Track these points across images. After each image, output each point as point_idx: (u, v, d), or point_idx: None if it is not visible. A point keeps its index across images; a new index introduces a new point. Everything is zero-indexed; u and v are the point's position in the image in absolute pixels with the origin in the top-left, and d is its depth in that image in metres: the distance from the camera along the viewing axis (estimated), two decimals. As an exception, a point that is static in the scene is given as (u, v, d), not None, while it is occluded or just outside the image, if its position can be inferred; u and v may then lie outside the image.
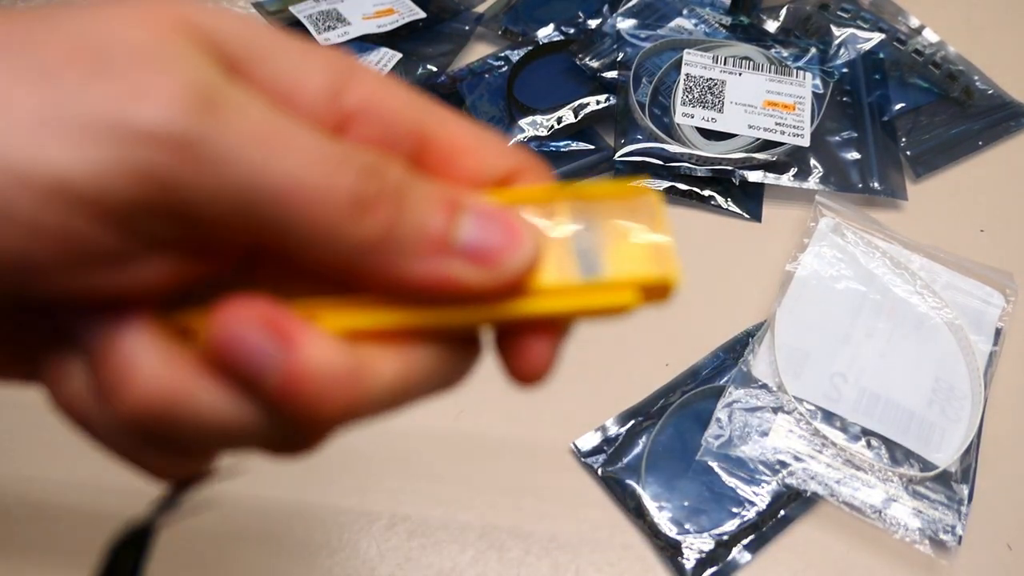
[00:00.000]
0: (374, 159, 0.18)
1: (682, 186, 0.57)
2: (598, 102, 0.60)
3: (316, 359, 0.17)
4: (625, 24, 0.63)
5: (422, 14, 0.65)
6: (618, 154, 0.57)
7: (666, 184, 0.57)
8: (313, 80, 0.19)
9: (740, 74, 0.60)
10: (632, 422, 0.47)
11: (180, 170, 0.16)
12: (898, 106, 0.62)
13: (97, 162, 0.15)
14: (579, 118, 0.59)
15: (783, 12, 0.66)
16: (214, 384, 0.18)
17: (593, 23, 0.64)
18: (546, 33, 0.64)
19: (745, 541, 0.44)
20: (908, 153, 0.60)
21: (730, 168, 0.57)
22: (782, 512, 0.45)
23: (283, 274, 0.20)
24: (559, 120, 0.59)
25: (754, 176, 0.57)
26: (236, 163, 0.16)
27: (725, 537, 0.44)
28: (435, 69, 0.63)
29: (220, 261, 0.19)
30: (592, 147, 0.59)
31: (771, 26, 0.66)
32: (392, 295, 0.18)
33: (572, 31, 0.64)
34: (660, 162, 0.57)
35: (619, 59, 0.61)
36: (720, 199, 0.57)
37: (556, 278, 0.19)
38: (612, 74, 0.60)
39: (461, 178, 0.20)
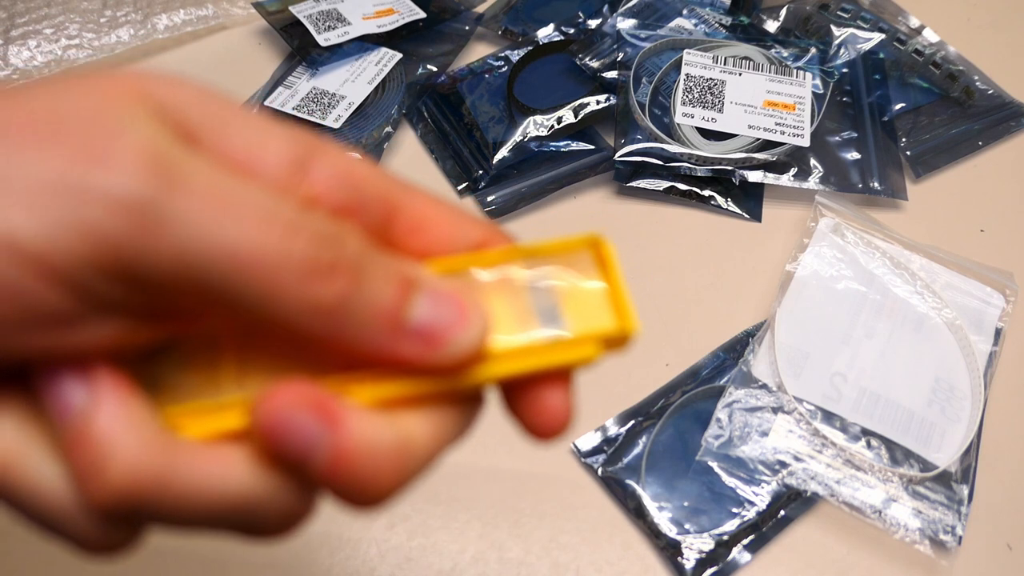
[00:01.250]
0: (330, 227, 0.18)
1: (682, 186, 0.57)
2: (598, 102, 0.60)
3: (362, 435, 0.18)
4: (625, 24, 0.63)
5: (422, 14, 0.65)
6: (618, 154, 0.57)
7: (666, 184, 0.57)
8: (274, 151, 0.19)
9: (740, 74, 0.60)
10: (632, 422, 0.47)
11: (132, 235, 0.16)
12: (898, 106, 0.62)
13: (49, 223, 0.16)
14: (579, 118, 0.59)
15: (783, 12, 0.66)
16: (225, 462, 0.18)
17: (593, 23, 0.64)
18: (546, 33, 0.64)
19: (745, 541, 0.44)
20: (908, 153, 0.60)
21: (730, 168, 0.57)
22: (782, 512, 0.45)
23: (246, 333, 0.20)
24: (559, 120, 0.59)
25: (754, 176, 0.57)
26: (187, 228, 0.16)
27: (725, 537, 0.44)
28: (435, 69, 0.63)
29: (178, 323, 0.19)
30: (592, 147, 0.59)
31: (771, 26, 0.66)
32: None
33: (572, 31, 0.64)
34: (660, 162, 0.57)
35: (619, 59, 0.61)
36: (720, 199, 0.57)
37: (520, 339, 0.20)
38: (612, 74, 0.60)
39: (429, 247, 0.20)
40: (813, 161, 0.58)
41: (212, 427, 0.18)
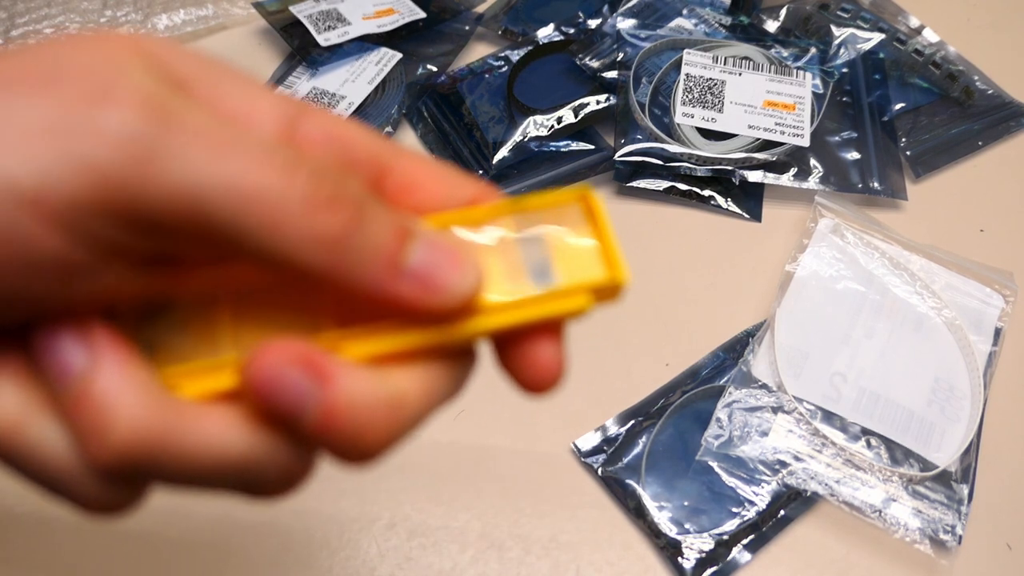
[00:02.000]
0: (330, 166, 0.18)
1: (682, 186, 0.57)
2: (598, 102, 0.60)
3: (353, 391, 0.18)
4: (625, 24, 0.63)
5: (422, 14, 0.65)
6: (618, 154, 0.57)
7: (666, 184, 0.57)
8: (264, 111, 0.19)
9: (740, 74, 0.60)
10: (632, 422, 0.47)
11: (130, 170, 0.16)
12: (898, 106, 0.62)
13: (46, 163, 0.16)
14: (579, 118, 0.59)
15: (783, 12, 0.66)
16: (223, 422, 0.18)
17: (593, 23, 0.64)
18: (546, 33, 0.64)
19: (745, 541, 0.44)
20: (908, 153, 0.60)
21: (730, 168, 0.57)
22: (782, 512, 0.45)
23: (242, 292, 0.20)
24: (559, 120, 0.59)
25: (754, 176, 0.57)
26: (186, 163, 0.16)
27: (725, 537, 0.44)
28: (435, 69, 0.63)
29: (177, 272, 0.19)
30: (592, 147, 0.59)
31: (771, 26, 0.66)
32: (398, 319, 0.19)
33: (572, 31, 0.64)
34: (660, 162, 0.57)
35: (619, 59, 0.61)
36: (720, 199, 0.57)
37: (512, 292, 0.20)
38: (612, 74, 0.60)
39: (420, 205, 0.20)
40: (813, 161, 0.58)
41: (209, 387, 0.19)
